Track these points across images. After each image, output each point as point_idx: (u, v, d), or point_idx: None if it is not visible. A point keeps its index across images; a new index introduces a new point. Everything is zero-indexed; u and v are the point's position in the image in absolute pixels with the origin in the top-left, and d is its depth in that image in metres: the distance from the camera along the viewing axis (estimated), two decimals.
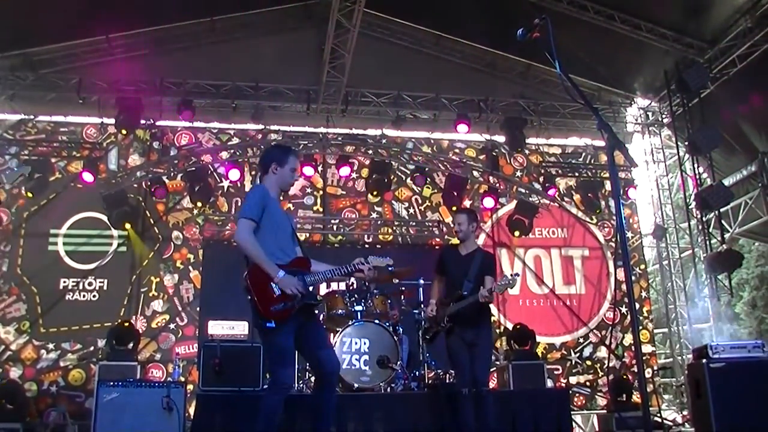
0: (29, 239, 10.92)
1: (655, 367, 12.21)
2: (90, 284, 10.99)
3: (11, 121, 11.51)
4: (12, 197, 11.06)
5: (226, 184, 11.51)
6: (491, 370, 8.15)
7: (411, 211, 12.06)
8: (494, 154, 12.11)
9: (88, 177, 10.61)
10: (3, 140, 11.38)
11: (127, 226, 10.93)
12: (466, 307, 5.94)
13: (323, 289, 9.35)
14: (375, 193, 11.47)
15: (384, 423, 6.71)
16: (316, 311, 5.07)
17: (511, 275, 6.10)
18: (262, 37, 11.30)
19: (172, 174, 11.44)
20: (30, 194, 10.65)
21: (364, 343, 7.37)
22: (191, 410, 7.64)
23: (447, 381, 7.74)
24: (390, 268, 5.39)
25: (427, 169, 11.93)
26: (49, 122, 11.61)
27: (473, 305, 5.90)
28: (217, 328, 7.76)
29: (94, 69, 11.12)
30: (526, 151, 12.63)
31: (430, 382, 7.72)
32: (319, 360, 4.76)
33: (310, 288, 4.75)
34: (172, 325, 10.95)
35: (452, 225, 6.12)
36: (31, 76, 11.08)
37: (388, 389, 7.26)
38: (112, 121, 10.94)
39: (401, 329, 7.74)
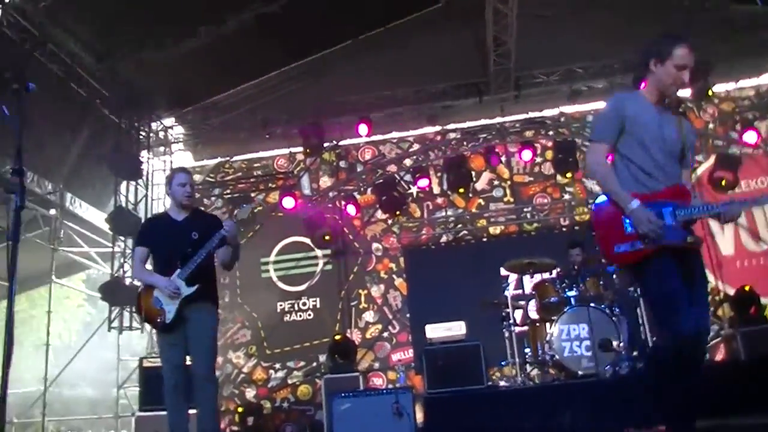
0: (243, 270, 11.52)
1: None
2: (304, 304, 11.58)
3: (211, 165, 12.47)
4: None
5: (414, 190, 11.68)
6: None
7: None
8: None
9: (289, 203, 11.03)
10: (207, 183, 12.35)
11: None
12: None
13: (527, 282, 9.29)
14: (565, 174, 11.19)
15: (616, 408, 6.53)
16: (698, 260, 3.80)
17: None
18: (422, 41, 11.22)
19: (361, 189, 11.89)
20: (241, 228, 11.41)
21: (583, 329, 7.27)
22: (418, 414, 7.85)
23: None
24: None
25: None
26: (243, 160, 12.43)
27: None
28: (435, 331, 7.89)
29: (274, 104, 11.64)
30: (716, 101, 11.79)
31: None
32: None
33: (681, 224, 3.63)
34: (385, 334, 11.25)
35: None
36: (221, 121, 11.88)
37: (614, 372, 7.08)
38: (299, 149, 11.55)
39: (618, 309, 7.51)
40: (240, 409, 10.32)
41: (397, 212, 11.42)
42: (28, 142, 3.26)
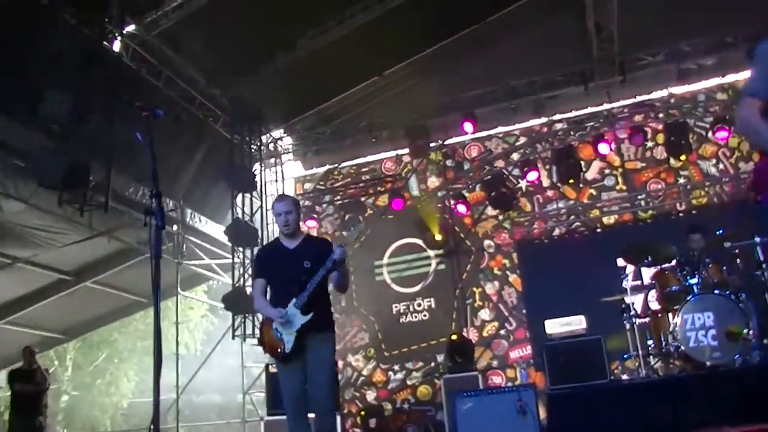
0: (358, 274, 11.68)
1: None
2: (419, 305, 11.67)
3: (320, 173, 12.80)
4: (336, 240, 12.21)
5: (523, 184, 11.52)
6: None
7: (720, 166, 11.09)
8: None
9: (398, 205, 11.30)
10: (317, 191, 12.67)
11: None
12: None
13: (646, 271, 9.00)
14: (679, 157, 10.78)
15: (749, 399, 6.24)
16: None
17: None
18: (522, 33, 11.12)
19: (470, 187, 11.88)
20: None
21: (708, 317, 6.97)
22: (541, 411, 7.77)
23: None
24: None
25: (727, 117, 10.95)
26: (352, 166, 12.69)
27: None
28: (554, 326, 7.80)
29: (378, 108, 11.86)
30: None
31: None
32: None
33: None
34: (502, 331, 11.16)
35: None
36: (327, 129, 12.21)
37: (744, 362, 6.77)
38: (405, 151, 11.75)
39: (744, 295, 7.20)
40: (362, 412, 10.53)
41: (508, 208, 11.32)
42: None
